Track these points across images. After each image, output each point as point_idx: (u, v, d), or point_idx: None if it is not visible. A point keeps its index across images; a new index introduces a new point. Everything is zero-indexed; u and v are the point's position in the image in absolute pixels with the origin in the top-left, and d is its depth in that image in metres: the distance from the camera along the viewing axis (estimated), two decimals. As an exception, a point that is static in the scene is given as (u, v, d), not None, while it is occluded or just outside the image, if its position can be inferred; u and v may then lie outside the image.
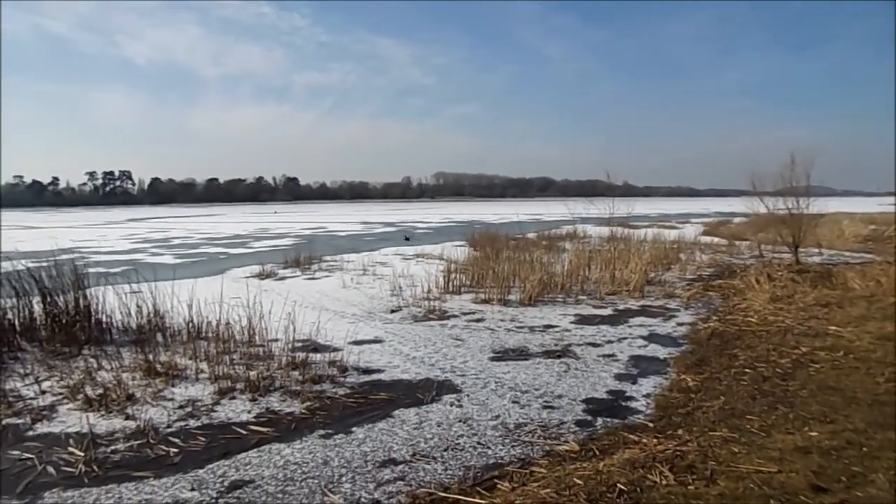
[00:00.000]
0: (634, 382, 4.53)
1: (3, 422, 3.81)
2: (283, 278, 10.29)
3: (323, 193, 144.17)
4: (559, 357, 5.23)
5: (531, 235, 16.90)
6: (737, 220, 24.48)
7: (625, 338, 5.91)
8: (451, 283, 8.76)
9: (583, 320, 6.73)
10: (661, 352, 5.40)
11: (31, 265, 6.32)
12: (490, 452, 3.31)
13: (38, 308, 5.87)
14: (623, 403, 4.08)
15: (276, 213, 56.12)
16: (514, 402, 4.11)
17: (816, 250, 12.86)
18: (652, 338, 5.91)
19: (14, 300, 5.87)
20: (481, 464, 3.16)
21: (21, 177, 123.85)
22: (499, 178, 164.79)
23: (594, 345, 5.65)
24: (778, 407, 3.69)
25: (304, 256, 12.22)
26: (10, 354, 5.27)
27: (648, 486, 2.65)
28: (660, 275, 9.83)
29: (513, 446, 3.38)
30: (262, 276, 10.51)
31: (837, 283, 8.03)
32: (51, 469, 3.15)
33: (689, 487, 2.60)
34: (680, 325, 6.46)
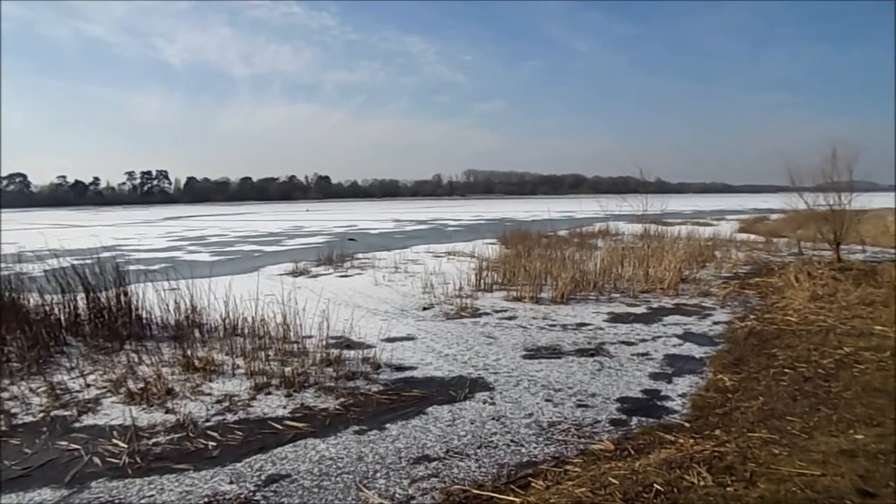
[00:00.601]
0: (670, 381, 4.46)
1: (52, 413, 3.94)
2: (316, 276, 10.41)
3: (354, 191, 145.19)
4: (592, 355, 5.18)
5: (562, 233, 16.77)
6: (774, 216, 23.90)
7: (659, 336, 5.83)
8: (482, 281, 8.75)
9: (616, 318, 6.66)
10: (696, 351, 5.31)
11: (75, 262, 6.51)
12: (523, 450, 3.29)
13: (82, 304, 6.04)
14: (658, 403, 4.02)
15: (308, 211, 56.75)
16: (547, 400, 4.08)
17: (860, 247, 12.48)
18: (687, 336, 5.81)
19: (60, 296, 6.06)
20: (515, 462, 3.16)
21: (64, 177, 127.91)
22: (529, 175, 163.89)
23: (628, 343, 5.59)
24: (820, 408, 3.59)
25: (337, 254, 12.34)
26: (56, 348, 5.44)
27: (686, 486, 2.61)
28: (694, 272, 9.66)
29: (546, 444, 3.36)
30: (295, 273, 10.65)
31: (882, 281, 7.77)
32: (97, 460, 3.24)
33: (728, 489, 2.54)
34: (716, 323, 6.34)
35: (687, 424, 3.58)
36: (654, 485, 2.62)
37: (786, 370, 4.46)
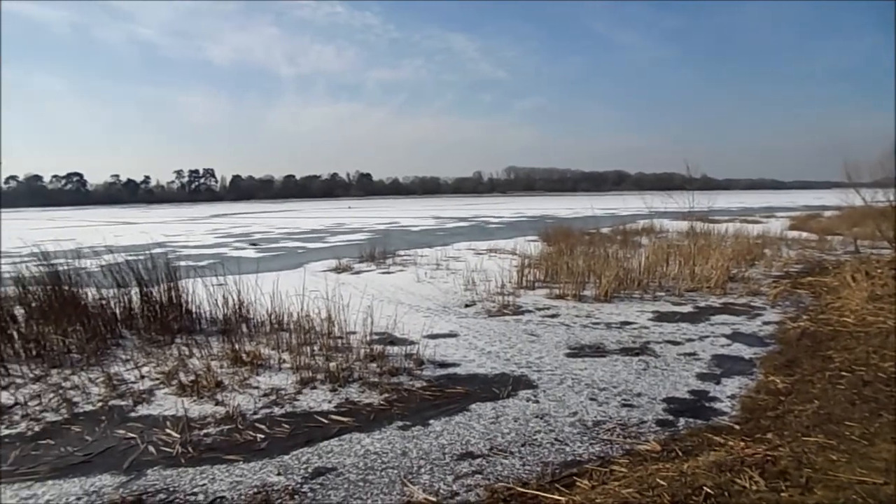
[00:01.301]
0: (718, 382, 4.35)
1: (110, 403, 4.09)
2: (358, 272, 10.53)
3: (395, 189, 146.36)
4: (637, 354, 5.10)
5: (605, 230, 16.54)
6: (828, 213, 23.07)
7: (706, 336, 5.70)
8: (524, 278, 8.70)
9: (661, 317, 6.53)
10: (745, 351, 5.17)
11: (129, 258, 6.74)
12: (568, 449, 3.27)
13: (135, 298, 6.25)
14: (706, 404, 3.93)
15: (350, 208, 57.43)
16: (591, 399, 4.04)
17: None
18: (736, 336, 5.66)
19: (115, 291, 6.28)
20: (559, 460, 3.13)
21: (118, 176, 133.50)
22: (571, 172, 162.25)
23: (674, 343, 5.48)
24: (882, 414, 3.45)
25: (379, 251, 12.45)
26: (112, 341, 5.65)
27: (737, 490, 2.55)
28: (743, 271, 9.40)
29: (591, 444, 3.32)
30: (338, 269, 10.79)
31: (945, 282, 7.41)
32: (151, 448, 3.36)
33: (783, 494, 2.47)
34: (766, 323, 6.16)
35: (737, 427, 3.49)
36: (704, 487, 2.57)
37: (843, 373, 4.30)
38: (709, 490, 2.55)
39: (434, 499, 2.74)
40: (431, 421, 3.69)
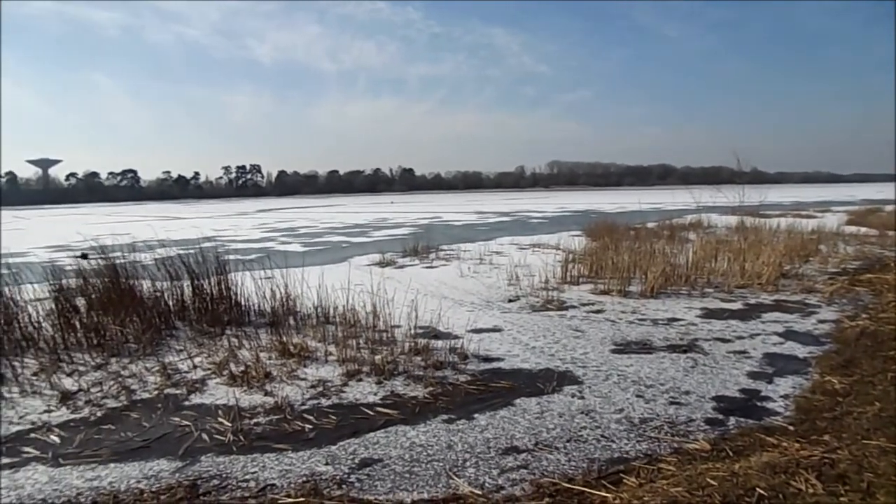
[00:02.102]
0: (770, 382, 4.23)
1: (165, 391, 4.24)
2: (402, 266, 10.61)
3: (437, 183, 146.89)
4: (685, 352, 5.00)
5: (651, 225, 16.23)
6: (889, 207, 22.09)
7: (757, 334, 5.54)
8: (568, 274, 8.62)
9: (710, 314, 6.38)
10: (799, 350, 5.00)
11: (181, 252, 6.96)
12: (614, 446, 3.23)
13: (187, 291, 6.44)
14: (758, 403, 3.83)
15: (392, 202, 57.88)
16: (637, 395, 3.98)
17: None
18: (789, 335, 5.49)
19: (168, 283, 6.49)
20: (605, 457, 3.10)
21: (169, 172, 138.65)
22: (615, 166, 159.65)
23: (723, 340, 5.34)
24: (947, 417, 3.30)
25: (422, 245, 12.52)
26: (166, 332, 5.85)
27: (792, 493, 2.47)
28: (796, 268, 9.08)
29: (638, 441, 3.28)
30: (382, 264, 10.89)
31: None
32: (205, 436, 3.47)
33: (842, 499, 2.39)
34: (821, 322, 5.94)
35: (791, 427, 3.38)
36: (757, 489, 2.50)
37: (904, 374, 4.12)
38: (762, 491, 2.48)
39: (479, 492, 2.75)
40: (476, 415, 3.70)
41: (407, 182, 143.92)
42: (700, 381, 4.23)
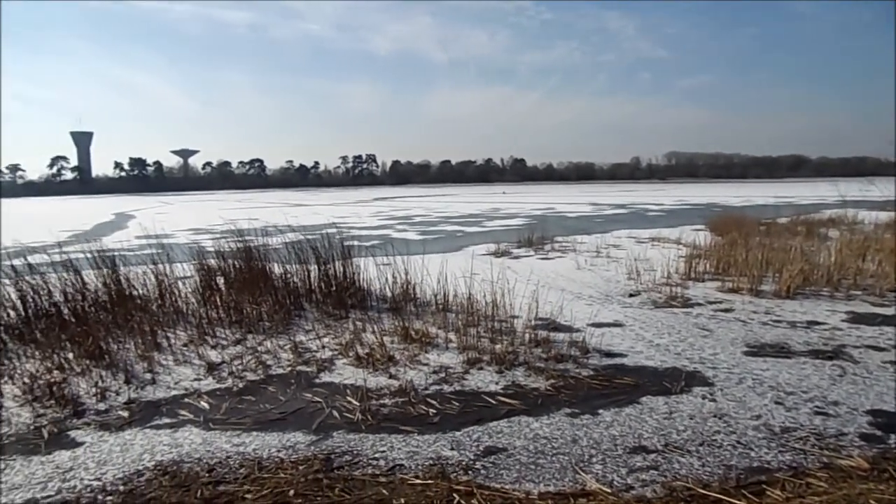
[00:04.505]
0: (938, 398, 3.78)
1: (297, 368, 4.50)
2: (517, 257, 10.57)
3: (549, 174, 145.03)
4: (830, 358, 4.58)
5: (783, 220, 15.05)
6: None
7: (919, 343, 4.98)
8: (692, 269, 8.20)
9: (858, 319, 5.81)
10: (973, 364, 4.44)
11: (308, 237, 7.34)
12: (753, 454, 3.02)
13: (314, 274, 6.78)
14: (925, 422, 3.43)
15: (504, 193, 57.82)
16: (776, 402, 3.71)
17: None
18: (958, 346, 4.88)
19: (297, 266, 6.87)
20: (744, 465, 2.91)
21: (291, 161, 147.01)
22: (739, 156, 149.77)
23: (876, 348, 4.85)
24: None
25: (537, 236, 12.40)
26: (296, 312, 6.20)
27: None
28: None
29: (780, 451, 3.05)
30: (497, 254, 10.92)
31: None
32: (335, 413, 3.64)
33: None
34: None
35: (967, 451, 3.01)
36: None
37: None
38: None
39: (608, 490, 2.68)
40: (600, 410, 3.61)
41: (518, 172, 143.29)
42: (850, 392, 3.87)
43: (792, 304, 6.51)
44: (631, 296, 6.99)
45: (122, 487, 2.83)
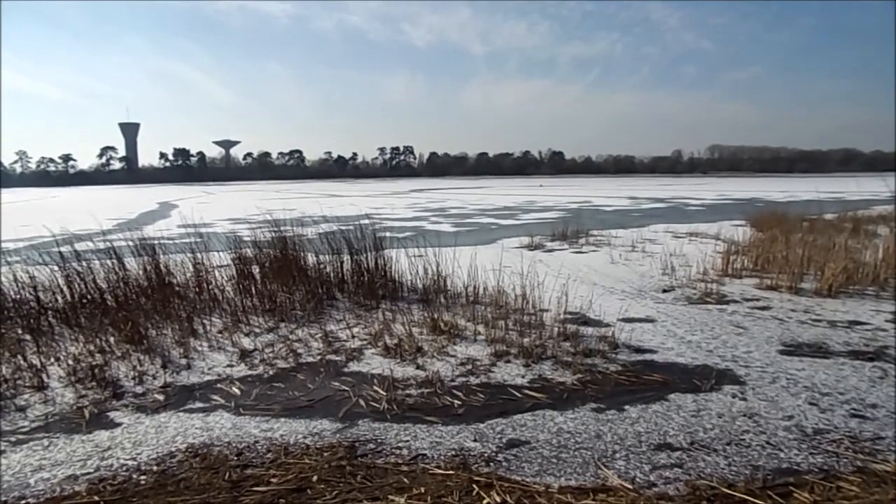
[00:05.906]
0: None
1: (327, 357, 4.58)
2: (550, 250, 10.50)
3: (587, 167, 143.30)
4: (871, 360, 4.44)
5: (829, 216, 14.57)
6: None
7: (969, 347, 4.78)
8: (729, 266, 8.01)
9: (904, 320, 5.61)
10: None
11: (342, 227, 7.43)
12: (782, 455, 2.96)
13: (347, 264, 6.86)
14: (969, 428, 3.31)
15: (541, 186, 57.39)
16: (811, 403, 3.61)
17: None
18: None
19: (330, 256, 6.97)
20: (772, 466, 2.85)
21: (330, 153, 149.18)
22: (785, 150, 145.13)
23: (922, 351, 4.68)
24: None
25: (571, 230, 12.29)
26: (328, 302, 6.30)
27: None
28: None
29: (811, 453, 2.97)
30: (530, 247, 10.86)
31: None
32: (362, 402, 3.69)
33: None
34: None
35: None
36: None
37: None
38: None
39: (630, 486, 2.66)
40: (627, 406, 3.58)
41: (556, 165, 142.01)
42: (891, 395, 3.74)
43: (833, 302, 6.32)
44: (665, 291, 6.88)
45: (155, 468, 2.93)
